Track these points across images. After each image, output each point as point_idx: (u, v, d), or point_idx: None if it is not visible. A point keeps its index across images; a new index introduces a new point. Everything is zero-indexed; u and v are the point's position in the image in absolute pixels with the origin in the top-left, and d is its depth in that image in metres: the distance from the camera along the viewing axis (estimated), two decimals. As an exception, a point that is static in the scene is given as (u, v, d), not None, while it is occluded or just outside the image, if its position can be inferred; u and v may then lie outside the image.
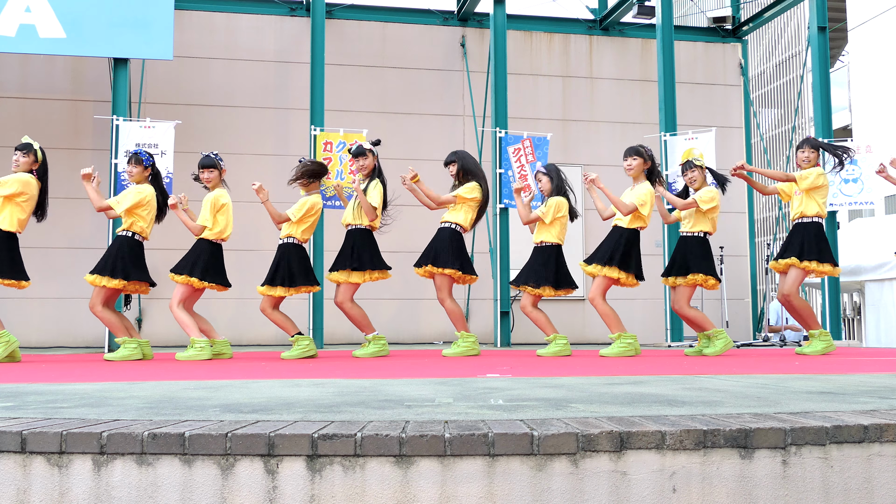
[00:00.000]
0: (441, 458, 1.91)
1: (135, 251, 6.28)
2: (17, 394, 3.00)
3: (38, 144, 6.26)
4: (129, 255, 6.22)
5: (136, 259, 6.29)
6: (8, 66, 10.01)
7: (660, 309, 10.17)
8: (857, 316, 14.48)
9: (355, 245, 6.59)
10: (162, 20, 8.70)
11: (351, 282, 6.58)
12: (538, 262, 6.75)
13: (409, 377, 3.99)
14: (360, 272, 6.55)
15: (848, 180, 9.58)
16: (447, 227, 6.73)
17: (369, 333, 6.64)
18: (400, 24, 11.10)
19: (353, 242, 6.62)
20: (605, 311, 6.39)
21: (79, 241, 9.85)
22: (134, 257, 6.26)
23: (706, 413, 2.27)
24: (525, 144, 9.43)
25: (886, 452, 2.04)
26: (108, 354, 6.44)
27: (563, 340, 6.67)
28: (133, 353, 6.23)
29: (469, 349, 6.67)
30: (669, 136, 9.76)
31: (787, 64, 20.89)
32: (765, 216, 19.48)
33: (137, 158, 6.36)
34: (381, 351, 6.63)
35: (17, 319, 8.59)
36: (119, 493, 1.93)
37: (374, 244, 6.67)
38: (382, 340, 6.68)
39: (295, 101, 10.46)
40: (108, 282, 6.14)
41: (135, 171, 6.35)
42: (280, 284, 6.45)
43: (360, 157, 6.73)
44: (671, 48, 10.11)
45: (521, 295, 7.06)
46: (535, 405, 2.52)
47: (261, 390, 3.15)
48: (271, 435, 1.92)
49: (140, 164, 6.35)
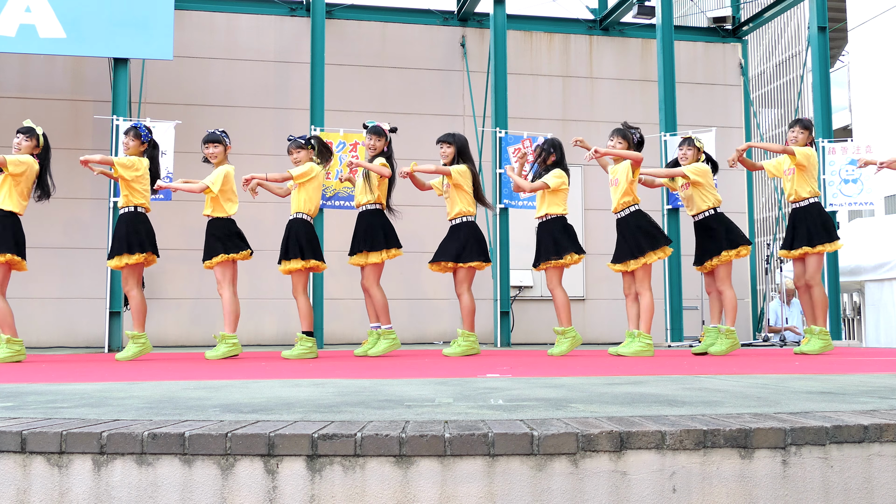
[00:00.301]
0: (441, 458, 1.91)
1: (144, 224, 6.36)
2: (17, 394, 3.00)
3: (42, 130, 6.30)
4: (142, 228, 6.32)
5: (148, 231, 6.38)
6: (8, 66, 10.01)
7: (660, 309, 10.17)
8: (857, 316, 14.47)
9: (368, 226, 6.62)
10: (162, 20, 8.70)
11: (370, 262, 6.61)
12: (551, 234, 6.59)
13: (409, 377, 3.99)
14: (377, 252, 6.58)
15: (848, 180, 9.57)
16: (462, 222, 6.71)
17: (385, 325, 6.67)
18: (400, 24, 11.10)
19: (364, 223, 6.66)
20: (648, 303, 6.34)
21: (79, 240, 9.85)
22: (146, 230, 6.36)
23: (706, 413, 2.27)
24: (525, 144, 9.42)
25: (886, 452, 2.04)
26: (119, 354, 6.42)
27: (573, 333, 6.63)
28: (144, 347, 6.32)
29: (469, 348, 6.68)
30: (669, 136, 9.75)
31: (787, 64, 20.88)
32: (765, 216, 19.47)
33: (136, 132, 6.45)
34: (393, 345, 6.69)
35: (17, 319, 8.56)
36: (119, 493, 1.93)
37: (385, 222, 6.69)
38: (393, 335, 6.72)
39: (295, 101, 10.46)
40: (129, 259, 6.22)
41: (131, 145, 6.43)
42: (294, 257, 6.47)
43: (373, 136, 6.75)
44: (671, 48, 10.10)
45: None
46: (535, 405, 2.52)
47: (261, 390, 3.15)
48: (271, 435, 1.92)
49: (138, 139, 6.44)
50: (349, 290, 10.06)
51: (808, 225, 6.44)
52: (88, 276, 9.81)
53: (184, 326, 10.00)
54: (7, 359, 5.95)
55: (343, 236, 10.17)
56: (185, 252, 9.65)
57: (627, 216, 6.45)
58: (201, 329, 9.76)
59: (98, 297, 9.28)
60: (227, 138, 6.65)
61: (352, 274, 10.29)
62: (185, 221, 9.22)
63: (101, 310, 9.00)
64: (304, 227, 6.53)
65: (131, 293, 6.31)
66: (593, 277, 10.74)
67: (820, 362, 5.29)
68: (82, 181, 9.68)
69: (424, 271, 8.49)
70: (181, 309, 10.00)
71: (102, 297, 8.88)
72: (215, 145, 6.52)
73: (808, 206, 6.48)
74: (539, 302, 10.57)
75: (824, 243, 6.41)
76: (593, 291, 10.84)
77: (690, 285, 10.85)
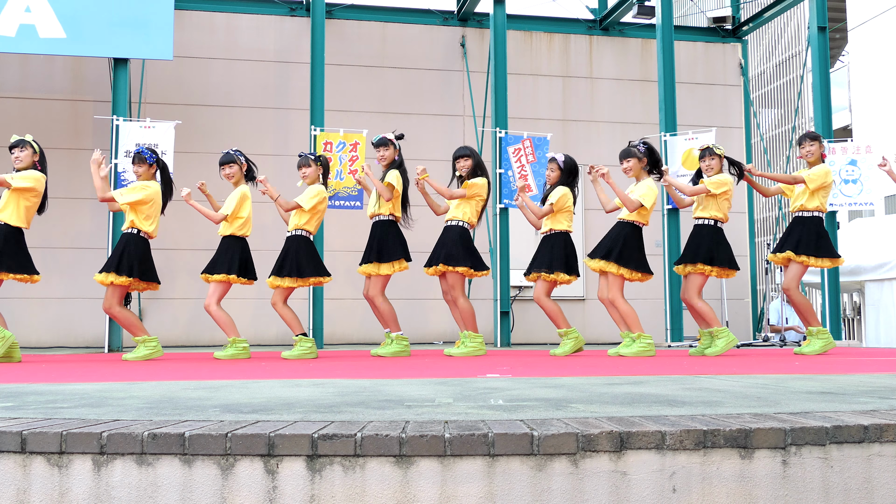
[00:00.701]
0: (441, 458, 1.91)
1: (140, 248, 6.26)
2: (17, 394, 3.00)
3: (32, 137, 6.21)
4: (134, 252, 6.22)
5: (143, 256, 6.27)
6: (8, 66, 10.01)
7: (660, 309, 10.17)
8: (857, 316, 14.47)
9: (380, 237, 6.64)
10: (162, 20, 8.70)
11: (381, 274, 6.63)
12: (550, 250, 6.65)
13: (409, 377, 3.99)
14: (388, 263, 6.61)
15: (848, 181, 9.58)
16: (455, 224, 6.73)
17: (395, 332, 6.68)
18: (400, 24, 11.10)
19: (377, 234, 6.67)
20: (626, 310, 6.35)
21: (79, 240, 9.85)
22: (140, 255, 6.25)
23: (706, 413, 2.27)
24: (525, 144, 9.42)
25: (886, 452, 2.04)
26: (127, 355, 6.42)
27: (575, 334, 6.65)
28: (154, 351, 6.31)
29: (476, 349, 6.67)
30: (669, 136, 9.75)
31: (787, 64, 20.89)
32: (765, 216, 19.48)
33: (140, 158, 6.36)
34: (402, 351, 6.67)
35: (18, 319, 8.58)
36: (119, 493, 1.93)
37: (397, 234, 6.69)
38: (406, 341, 6.72)
39: (295, 101, 10.46)
40: (115, 278, 6.15)
41: (141, 171, 6.36)
42: (288, 275, 6.47)
43: (381, 147, 6.76)
44: (671, 48, 10.10)
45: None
46: (535, 405, 2.52)
47: (261, 390, 3.15)
48: (271, 435, 1.92)
49: (144, 163, 6.35)
50: (348, 290, 10.07)
51: (800, 234, 6.40)
52: (88, 276, 9.76)
53: (184, 326, 10.00)
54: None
55: (343, 236, 10.21)
56: (186, 252, 9.66)
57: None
58: (201, 329, 9.76)
59: (98, 297, 9.26)
60: (242, 156, 6.66)
61: (351, 274, 10.30)
62: (186, 221, 9.22)
63: (100, 310, 8.98)
64: (304, 245, 6.57)
65: (112, 311, 6.27)
66: (593, 277, 10.73)
67: (820, 362, 5.29)
68: (82, 181, 9.67)
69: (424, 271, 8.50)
70: (181, 309, 10.00)
71: (102, 298, 8.87)
72: (230, 166, 6.56)
73: (810, 217, 6.44)
74: (539, 302, 10.56)
75: (809, 256, 6.35)
76: (593, 291, 10.83)
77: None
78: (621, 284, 6.42)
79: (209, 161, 10.33)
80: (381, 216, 6.69)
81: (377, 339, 10.51)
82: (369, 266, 6.65)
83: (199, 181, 6.68)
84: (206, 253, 6.94)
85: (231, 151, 6.62)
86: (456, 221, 6.74)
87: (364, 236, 6.89)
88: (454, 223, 6.74)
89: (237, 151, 6.65)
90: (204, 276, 6.49)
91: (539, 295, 6.64)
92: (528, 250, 7.05)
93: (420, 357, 6.62)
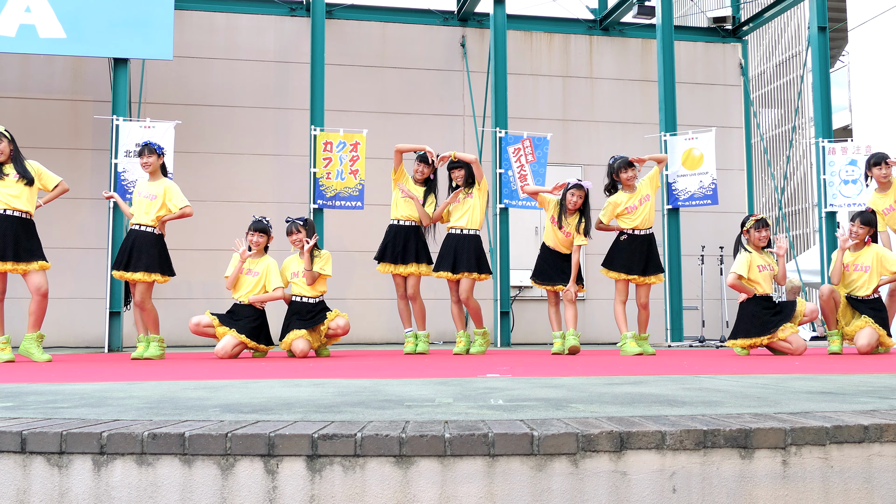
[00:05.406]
0: (441, 459, 1.91)
1: (166, 248, 6.56)
2: (17, 394, 3.00)
3: (3, 127, 5.91)
4: (166, 252, 6.52)
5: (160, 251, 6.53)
6: (8, 66, 10.01)
7: (660, 309, 10.17)
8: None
9: (475, 248, 6.94)
10: (162, 20, 8.70)
11: (420, 273, 7.01)
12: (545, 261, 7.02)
13: (409, 377, 3.99)
14: (425, 265, 7.04)
15: (848, 181, 9.57)
16: (476, 234, 6.98)
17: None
18: (400, 24, 11.10)
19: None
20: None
21: (79, 240, 9.85)
22: (168, 254, 6.56)
23: (706, 413, 2.27)
24: (525, 144, 9.42)
25: (886, 452, 2.04)
26: (141, 352, 6.42)
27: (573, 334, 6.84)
28: (163, 352, 6.49)
29: (488, 343, 7.19)
30: (669, 136, 9.75)
31: (787, 64, 20.89)
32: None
33: (150, 149, 6.44)
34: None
35: (18, 319, 8.57)
36: (119, 493, 1.93)
37: (421, 237, 7.11)
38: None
39: (295, 101, 10.46)
40: (159, 278, 6.42)
41: (151, 161, 6.43)
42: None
43: (420, 163, 7.04)
44: (671, 48, 10.10)
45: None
46: (535, 405, 2.52)
47: (261, 390, 3.15)
48: (271, 435, 1.92)
49: (154, 153, 6.44)
50: (348, 290, 10.07)
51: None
52: (88, 276, 9.81)
53: (184, 327, 9.98)
54: None
55: (343, 236, 10.21)
56: (186, 252, 9.65)
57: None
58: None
59: (98, 297, 9.28)
60: (271, 228, 6.77)
61: (351, 274, 10.30)
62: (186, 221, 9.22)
63: (101, 310, 9.00)
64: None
65: (147, 305, 6.45)
66: (593, 278, 10.73)
67: (820, 362, 5.29)
68: (82, 181, 9.68)
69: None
70: (181, 309, 9.99)
71: (102, 297, 8.88)
72: (261, 235, 6.63)
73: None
74: (539, 302, 10.56)
75: None
76: (593, 291, 10.83)
77: (690, 286, 10.86)
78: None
79: (209, 161, 10.35)
80: (469, 229, 6.93)
81: (377, 339, 10.51)
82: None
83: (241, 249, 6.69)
84: (206, 253, 6.93)
85: (265, 221, 6.70)
86: (475, 231, 6.98)
87: (364, 236, 6.92)
88: (473, 232, 6.96)
89: (268, 223, 6.74)
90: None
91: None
92: (528, 250, 7.07)
93: (420, 357, 6.62)
